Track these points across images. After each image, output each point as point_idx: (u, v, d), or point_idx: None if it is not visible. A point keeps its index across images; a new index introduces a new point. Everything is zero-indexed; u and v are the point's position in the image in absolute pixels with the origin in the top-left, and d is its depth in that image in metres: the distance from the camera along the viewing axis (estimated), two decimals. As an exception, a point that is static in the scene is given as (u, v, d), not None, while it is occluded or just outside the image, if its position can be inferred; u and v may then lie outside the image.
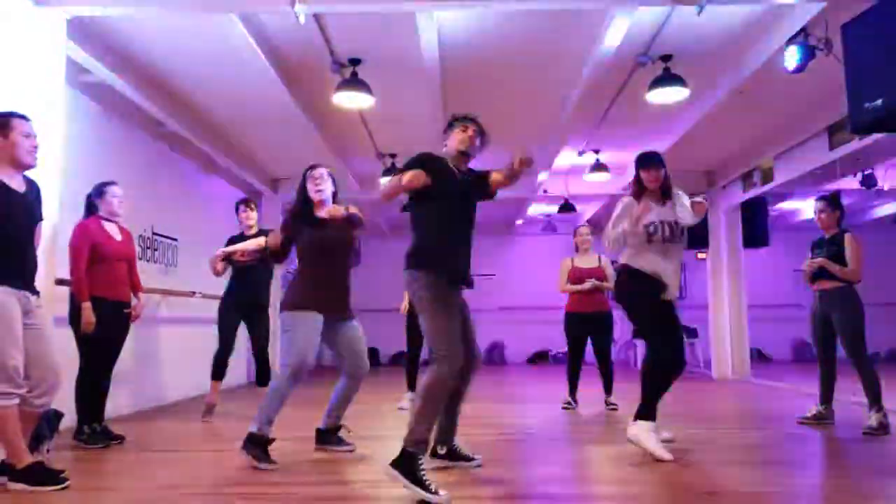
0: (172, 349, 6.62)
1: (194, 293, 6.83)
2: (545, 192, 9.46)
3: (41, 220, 3.36)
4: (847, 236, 4.63)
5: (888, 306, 10.25)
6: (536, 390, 8.02)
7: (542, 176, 8.88)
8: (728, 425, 5.27)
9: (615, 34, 4.60)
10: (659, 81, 5.17)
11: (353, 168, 8.65)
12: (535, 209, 11.62)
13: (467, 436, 3.61)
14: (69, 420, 4.21)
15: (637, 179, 3.98)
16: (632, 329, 12.27)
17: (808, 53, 4.34)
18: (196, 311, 6.98)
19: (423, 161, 3.13)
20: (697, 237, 9.42)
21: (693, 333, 11.99)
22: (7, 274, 3.08)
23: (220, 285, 5.54)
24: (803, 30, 4.37)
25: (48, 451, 3.48)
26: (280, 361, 4.08)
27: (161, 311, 6.47)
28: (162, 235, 6.62)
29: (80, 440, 4.20)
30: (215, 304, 5.50)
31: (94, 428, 4.25)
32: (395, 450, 2.92)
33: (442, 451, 3.39)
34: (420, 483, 2.77)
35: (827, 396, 4.80)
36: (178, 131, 6.46)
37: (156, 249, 6.52)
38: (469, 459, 3.45)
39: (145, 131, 6.35)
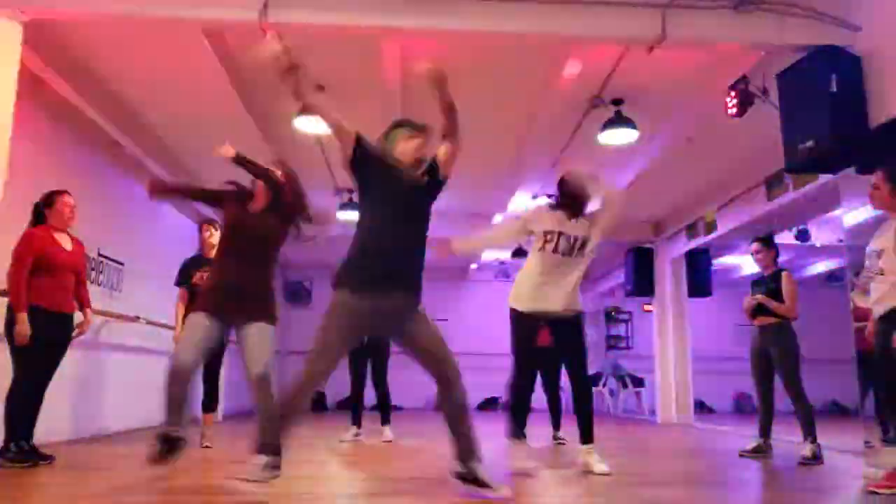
0: (115, 377, 6.37)
1: (138, 318, 6.63)
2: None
3: None
4: (784, 274, 4.88)
5: (823, 362, 10.63)
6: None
7: (498, 219, 9.06)
8: (670, 456, 5.35)
9: (570, 74, 4.85)
10: (610, 123, 5.42)
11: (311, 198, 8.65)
12: (489, 255, 11.79)
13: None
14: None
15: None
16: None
17: (747, 99, 4.65)
18: (141, 339, 6.76)
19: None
20: (644, 287, 9.73)
21: (639, 382, 12.20)
22: None
23: (165, 312, 5.34)
24: (744, 78, 4.69)
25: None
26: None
27: (103, 336, 6.25)
28: (108, 258, 6.46)
29: (6, 458, 3.93)
30: (162, 333, 5.33)
31: (20, 446, 3.99)
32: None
33: (464, 469, 2.98)
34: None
35: (766, 430, 4.94)
36: (131, 151, 6.38)
37: (101, 272, 6.34)
38: (487, 486, 2.94)
39: (97, 150, 6.25)
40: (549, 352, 5.87)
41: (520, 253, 10.59)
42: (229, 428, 6.75)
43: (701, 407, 11.70)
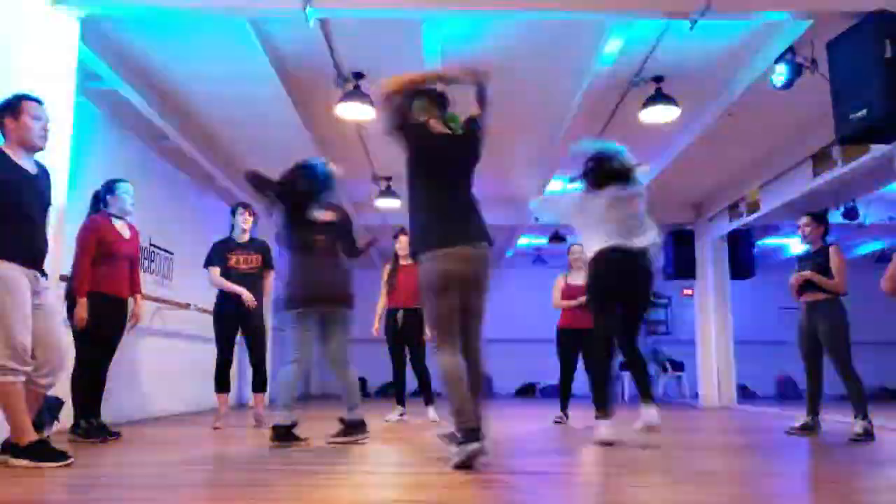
0: (165, 362, 6.58)
1: (189, 305, 6.83)
2: (536, 220, 9.59)
3: (50, 204, 3.40)
4: (832, 249, 4.78)
5: (872, 345, 10.39)
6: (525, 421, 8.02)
7: (534, 204, 9.02)
8: (717, 433, 5.32)
9: (610, 51, 4.82)
10: (651, 101, 5.38)
11: (349, 191, 8.77)
12: (525, 241, 11.77)
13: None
14: (66, 415, 4.20)
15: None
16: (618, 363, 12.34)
17: (795, 70, 4.57)
18: (190, 325, 6.97)
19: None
20: (684, 269, 9.62)
21: (679, 367, 12.08)
22: (19, 252, 3.11)
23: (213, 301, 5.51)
24: (791, 48, 4.61)
25: (48, 437, 3.46)
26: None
27: (154, 324, 6.45)
28: (158, 247, 6.66)
29: (77, 434, 4.17)
30: (209, 320, 5.49)
31: (91, 423, 4.22)
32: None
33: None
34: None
35: (814, 408, 4.87)
36: (181, 146, 6.57)
37: (152, 261, 6.54)
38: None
39: (147, 143, 6.44)
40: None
41: (557, 238, 10.57)
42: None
43: (744, 391, 11.54)
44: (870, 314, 10.46)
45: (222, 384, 5.48)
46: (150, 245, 6.48)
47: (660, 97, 5.34)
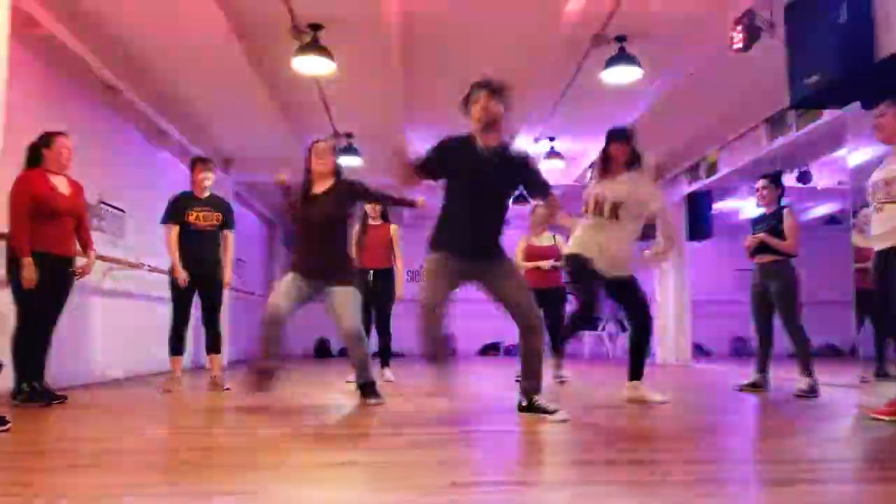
0: (117, 324, 6.43)
1: (143, 265, 6.66)
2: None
3: None
4: (785, 211, 4.88)
5: (824, 304, 10.75)
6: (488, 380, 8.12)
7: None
8: (669, 391, 5.43)
9: (574, 6, 4.74)
10: (613, 60, 5.33)
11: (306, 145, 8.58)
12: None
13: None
14: (7, 378, 4.06)
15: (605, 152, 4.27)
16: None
17: (754, 32, 4.56)
18: (144, 285, 6.81)
19: (439, 148, 3.37)
20: (645, 230, 9.73)
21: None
22: None
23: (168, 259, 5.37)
24: (750, 11, 4.59)
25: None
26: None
27: (105, 284, 6.28)
28: (110, 205, 6.44)
29: (19, 399, 4.01)
30: (164, 280, 5.36)
31: (33, 386, 4.07)
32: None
33: (527, 402, 3.50)
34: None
35: (763, 365, 5.04)
36: (131, 98, 6.30)
37: (102, 219, 6.33)
38: (549, 412, 3.41)
39: (94, 95, 6.15)
40: (557, 292, 6.01)
41: (521, 199, 10.55)
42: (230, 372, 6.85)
43: (699, 350, 11.87)
44: (822, 275, 10.83)
45: (177, 346, 5.37)
46: (100, 203, 6.27)
47: (623, 57, 5.29)
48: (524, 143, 8.23)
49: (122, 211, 6.67)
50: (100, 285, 6.10)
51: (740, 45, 4.61)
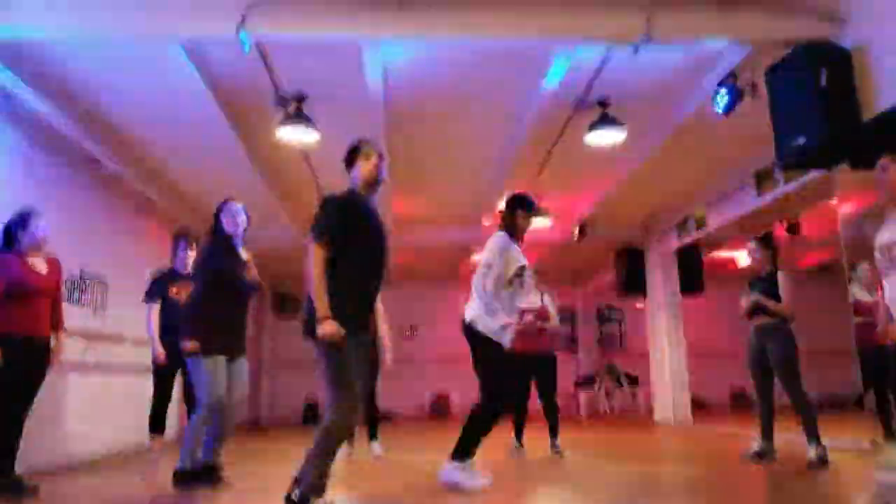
0: (98, 399, 6.22)
1: (122, 338, 6.48)
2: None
3: None
4: (780, 275, 4.79)
5: (818, 354, 10.61)
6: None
7: (487, 222, 8.95)
8: (672, 465, 5.26)
9: (555, 75, 4.76)
10: (597, 124, 5.33)
11: (294, 212, 8.54)
12: (478, 257, 11.66)
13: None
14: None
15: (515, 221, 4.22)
16: (575, 377, 12.33)
17: (737, 95, 4.58)
18: (126, 357, 6.62)
19: (341, 210, 3.06)
20: (635, 286, 9.66)
21: (635, 381, 12.13)
22: None
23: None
24: (732, 74, 4.62)
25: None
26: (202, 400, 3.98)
27: (87, 358, 6.09)
28: (91, 277, 6.30)
29: (-12, 491, 3.82)
30: (147, 352, 5.20)
31: (4, 478, 3.88)
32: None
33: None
34: None
35: (767, 432, 4.85)
36: (114, 170, 6.25)
37: (83, 291, 6.19)
38: None
39: (76, 168, 6.10)
40: (547, 358, 5.82)
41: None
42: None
43: (698, 403, 11.63)
44: (815, 324, 10.72)
45: (157, 424, 5.18)
46: (81, 276, 6.13)
47: (605, 121, 5.29)
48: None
49: (104, 284, 6.52)
50: (80, 359, 5.90)
51: (723, 108, 4.61)
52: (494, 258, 3.99)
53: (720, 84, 4.68)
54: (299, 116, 5.12)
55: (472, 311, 3.97)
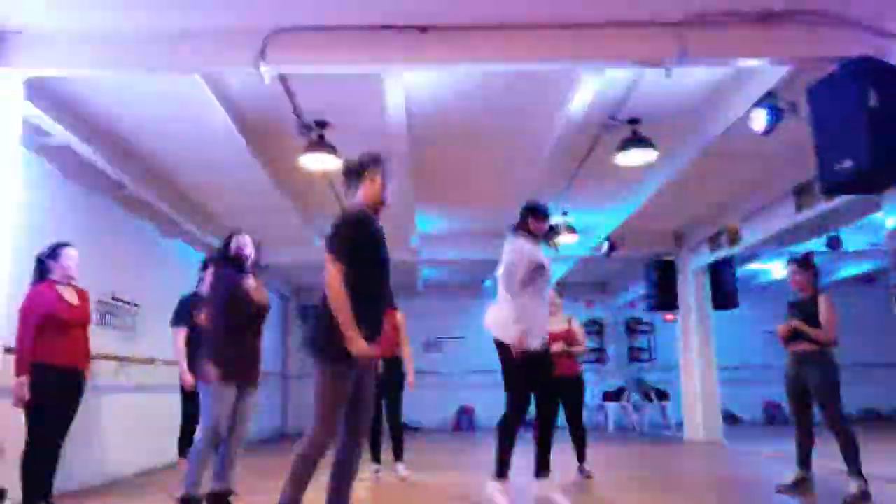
0: (128, 419, 6.24)
1: (153, 360, 6.49)
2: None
3: None
4: (821, 298, 4.58)
5: (858, 367, 10.31)
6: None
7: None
8: (703, 494, 5.06)
9: (583, 97, 4.64)
10: (627, 144, 5.19)
11: (318, 226, 8.53)
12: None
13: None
14: (14, 495, 3.87)
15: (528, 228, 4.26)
16: (602, 393, 12.11)
17: (776, 115, 4.40)
18: (158, 378, 6.63)
19: (361, 226, 2.97)
20: (666, 301, 9.44)
21: (664, 395, 11.88)
22: None
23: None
24: (771, 93, 4.44)
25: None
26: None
27: (120, 380, 6.12)
28: (122, 301, 6.34)
29: (26, 523, 3.84)
30: (176, 372, 5.21)
31: (42, 504, 3.93)
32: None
33: None
34: None
35: (804, 461, 4.65)
36: (140, 194, 6.31)
37: (115, 315, 6.22)
38: None
39: (105, 194, 6.15)
40: (574, 381, 5.67)
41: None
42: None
43: (730, 418, 11.36)
44: (856, 335, 10.45)
45: (185, 446, 5.18)
46: (113, 299, 6.17)
47: (636, 140, 5.15)
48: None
49: (135, 306, 6.55)
50: (112, 382, 5.93)
51: (762, 129, 4.44)
52: (513, 256, 4.10)
53: (758, 103, 4.51)
54: (321, 143, 5.07)
55: (490, 316, 4.19)
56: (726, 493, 5.00)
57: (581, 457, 5.58)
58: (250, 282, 4.12)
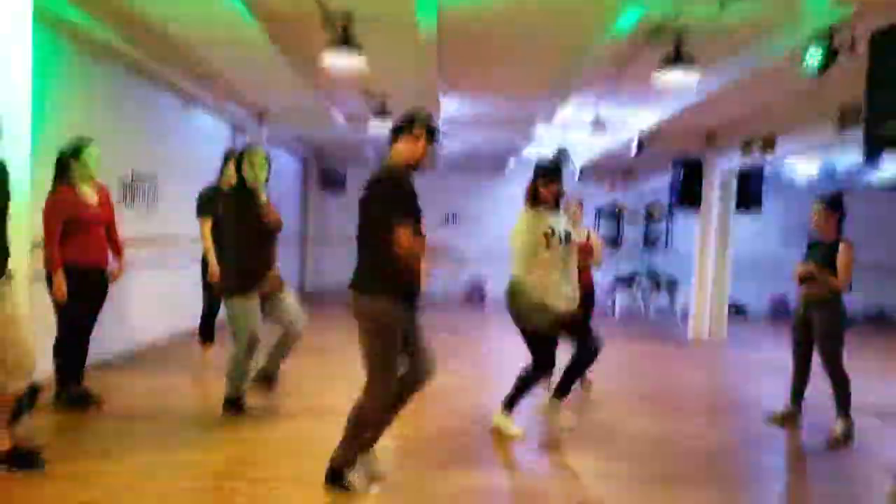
0: (153, 290, 6.55)
1: (176, 238, 6.68)
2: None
3: (9, 199, 3.20)
4: (842, 246, 4.52)
5: (873, 269, 10.36)
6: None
7: (541, 130, 8.61)
8: (696, 420, 5.15)
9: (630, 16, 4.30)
10: (669, 62, 4.86)
11: (340, 105, 8.32)
12: (530, 152, 11.38)
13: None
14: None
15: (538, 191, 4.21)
16: (613, 278, 12.33)
17: (831, 56, 4.07)
18: (176, 252, 6.85)
19: (411, 192, 3.07)
20: (689, 200, 9.31)
21: (673, 284, 12.10)
22: None
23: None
24: (828, 31, 4.08)
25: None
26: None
27: (141, 253, 6.31)
28: (142, 176, 6.38)
29: (60, 402, 4.24)
30: (197, 247, 5.39)
31: (70, 393, 4.28)
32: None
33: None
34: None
35: (796, 397, 4.85)
36: (160, 71, 6.14)
37: (135, 193, 6.29)
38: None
39: (122, 69, 5.97)
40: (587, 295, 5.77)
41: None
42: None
43: (735, 311, 11.54)
44: (878, 238, 10.42)
45: (206, 334, 5.51)
46: (133, 178, 6.22)
47: (678, 59, 4.80)
48: (567, 112, 7.82)
49: (154, 181, 6.59)
50: (136, 258, 6.15)
51: (815, 67, 4.12)
52: (521, 231, 4.18)
53: (813, 42, 4.15)
54: (345, 40, 4.80)
55: (508, 290, 4.27)
56: (716, 427, 5.09)
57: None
58: (262, 199, 4.24)
